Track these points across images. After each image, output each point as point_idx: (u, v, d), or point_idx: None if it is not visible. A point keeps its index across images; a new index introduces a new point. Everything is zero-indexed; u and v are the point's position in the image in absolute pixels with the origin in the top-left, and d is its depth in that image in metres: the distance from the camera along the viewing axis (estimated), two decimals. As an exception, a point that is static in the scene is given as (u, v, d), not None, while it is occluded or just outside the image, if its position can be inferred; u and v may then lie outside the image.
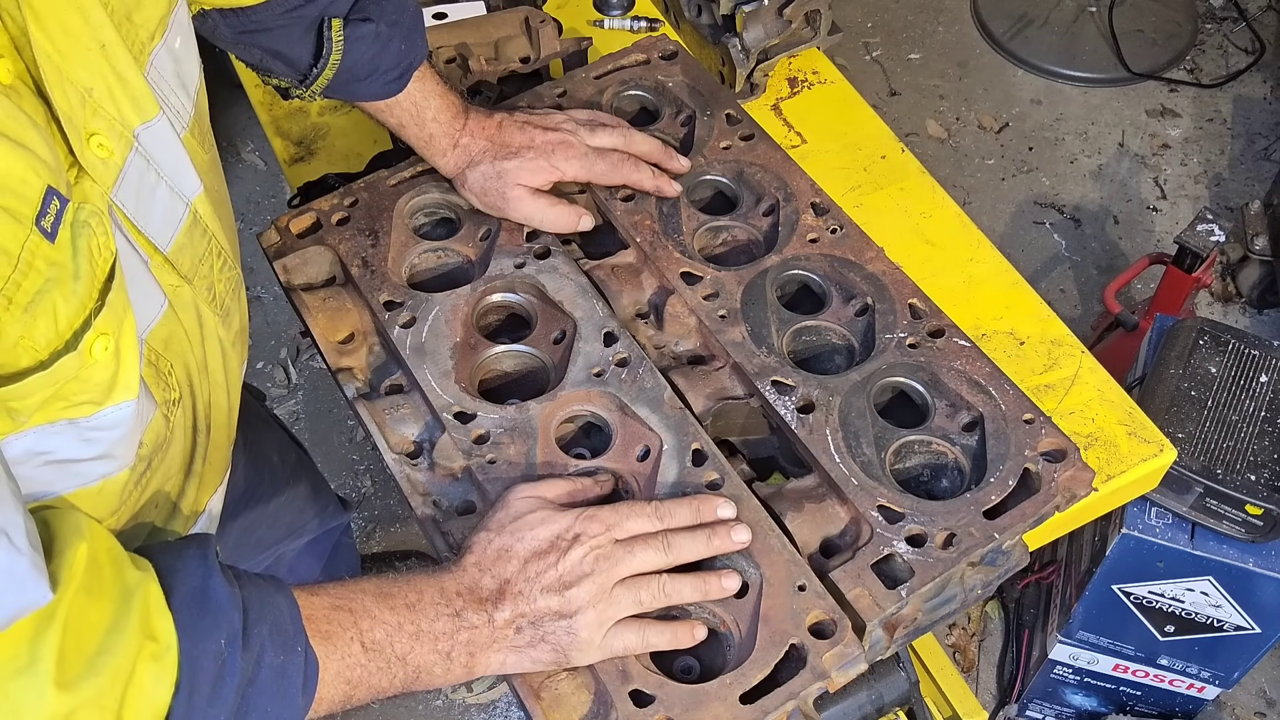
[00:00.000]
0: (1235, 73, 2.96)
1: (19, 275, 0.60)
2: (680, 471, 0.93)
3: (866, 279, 1.06)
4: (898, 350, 1.01)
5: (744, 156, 1.17)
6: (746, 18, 1.34)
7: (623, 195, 1.13)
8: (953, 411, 0.98)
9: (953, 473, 0.96)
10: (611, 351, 1.01)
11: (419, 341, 1.02)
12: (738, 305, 1.04)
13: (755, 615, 0.86)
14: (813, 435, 0.95)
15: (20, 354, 0.62)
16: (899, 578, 0.88)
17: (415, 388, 1.01)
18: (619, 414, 0.98)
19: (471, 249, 1.12)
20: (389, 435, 0.99)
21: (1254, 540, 1.46)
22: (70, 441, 0.69)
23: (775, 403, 0.97)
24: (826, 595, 0.87)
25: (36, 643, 0.60)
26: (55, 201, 0.62)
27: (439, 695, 2.05)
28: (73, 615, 0.62)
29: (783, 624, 0.85)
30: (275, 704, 0.72)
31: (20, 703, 0.60)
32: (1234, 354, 1.53)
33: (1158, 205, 2.71)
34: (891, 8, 3.16)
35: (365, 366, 1.05)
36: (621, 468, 0.95)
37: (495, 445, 0.95)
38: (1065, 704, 1.94)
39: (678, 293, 1.05)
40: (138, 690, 0.64)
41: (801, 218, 1.11)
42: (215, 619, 0.70)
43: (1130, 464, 1.08)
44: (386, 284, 1.06)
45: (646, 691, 0.83)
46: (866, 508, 0.91)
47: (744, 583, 0.87)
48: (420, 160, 1.14)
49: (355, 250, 1.09)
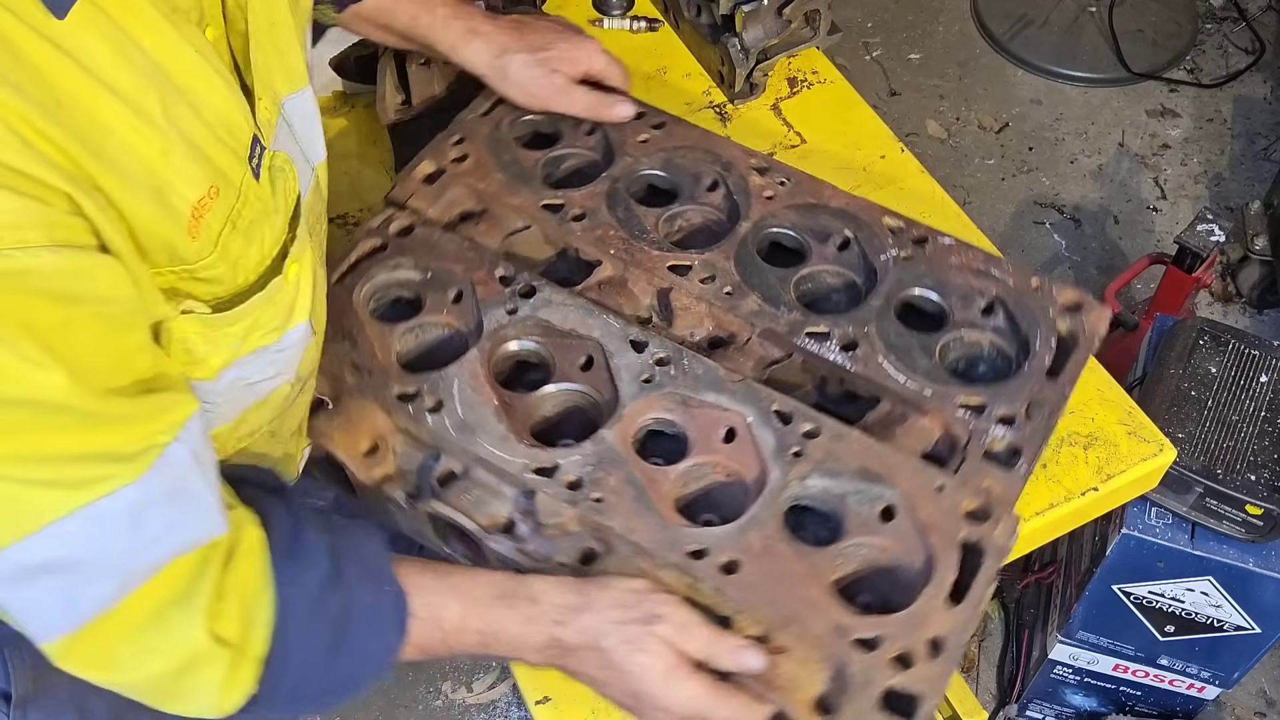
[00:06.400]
0: (1235, 73, 2.96)
1: (240, 204, 0.71)
2: (777, 436, 0.94)
3: (837, 215, 1.10)
4: (898, 267, 1.06)
5: (666, 143, 1.17)
6: (746, 17, 1.33)
7: (573, 216, 1.10)
8: (967, 303, 1.05)
9: (992, 356, 1.04)
10: (647, 355, 0.99)
11: (459, 419, 0.96)
12: (737, 278, 1.05)
13: (917, 531, 0.90)
14: (868, 367, 0.99)
15: (239, 272, 0.72)
16: (1009, 459, 0.95)
17: (475, 464, 0.94)
18: (684, 409, 0.96)
19: (449, 316, 1.04)
20: (479, 519, 0.92)
21: (1254, 540, 1.46)
22: (261, 366, 0.78)
23: (820, 351, 1.00)
24: (965, 482, 0.92)
25: (198, 579, 0.68)
26: (258, 147, 0.73)
27: (439, 695, 2.05)
28: (220, 573, 0.70)
29: (944, 525, 0.90)
30: (368, 638, 0.79)
31: (173, 629, 0.68)
32: (1234, 354, 1.53)
33: (1158, 205, 2.71)
34: (891, 8, 3.16)
35: (398, 470, 0.96)
36: (713, 458, 0.94)
37: (594, 483, 0.91)
38: (1065, 704, 1.94)
39: (676, 287, 1.05)
40: (245, 623, 0.73)
41: (750, 181, 1.12)
42: (304, 563, 0.77)
43: (1130, 464, 1.08)
44: (390, 379, 0.98)
45: (867, 638, 0.85)
46: (951, 411, 0.97)
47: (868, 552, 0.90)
48: (355, 246, 1.07)
49: (338, 359, 1.00)
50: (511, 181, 1.13)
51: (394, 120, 1.31)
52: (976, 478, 0.93)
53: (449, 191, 1.12)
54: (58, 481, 0.58)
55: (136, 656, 0.68)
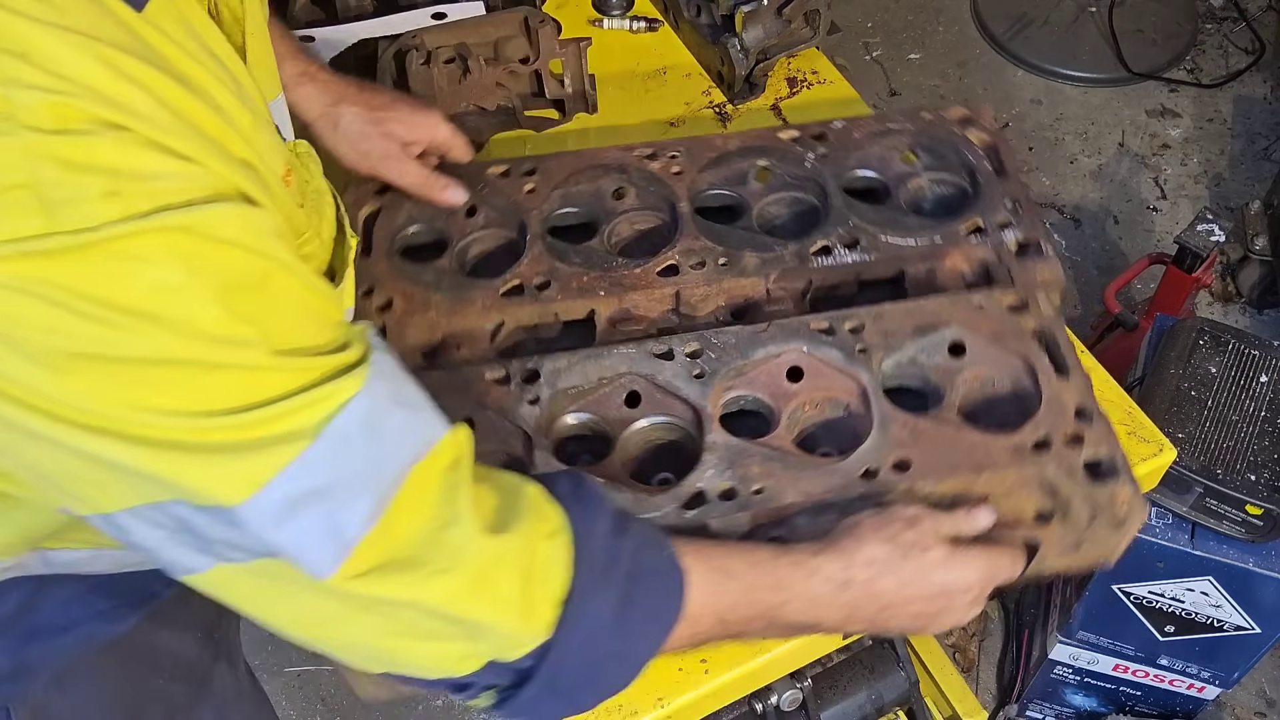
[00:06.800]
0: (1235, 73, 2.96)
1: (302, 181, 0.72)
2: (837, 346, 0.98)
3: (741, 155, 1.16)
4: (824, 165, 1.14)
5: (555, 180, 1.13)
6: (745, 17, 1.34)
7: (537, 285, 1.05)
8: (892, 161, 1.16)
9: (947, 192, 1.16)
10: (680, 356, 0.97)
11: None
12: (720, 249, 1.07)
13: (994, 344, 0.98)
14: (880, 250, 1.07)
15: (324, 247, 0.75)
16: (1032, 251, 1.07)
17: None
18: (743, 378, 0.97)
19: (491, 445, 0.96)
20: None
21: (1254, 540, 1.46)
22: None
23: (834, 262, 1.07)
24: (1005, 287, 1.03)
25: (451, 502, 0.66)
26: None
27: (439, 695, 2.05)
28: (471, 484, 0.68)
29: (1007, 327, 0.99)
30: (654, 598, 0.75)
31: (458, 546, 0.66)
32: (1234, 354, 1.53)
33: (1158, 205, 2.71)
34: (891, 8, 3.17)
35: None
36: (798, 400, 0.96)
37: (743, 481, 0.90)
38: (1065, 704, 1.94)
39: (677, 287, 1.05)
40: (542, 563, 0.70)
41: (651, 169, 1.14)
42: (595, 508, 0.74)
43: (1130, 464, 1.08)
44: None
45: (1039, 441, 0.93)
46: (963, 242, 1.08)
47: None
48: None
49: None
50: (451, 298, 1.05)
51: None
52: (1018, 276, 1.05)
53: (406, 337, 1.04)
54: (298, 409, 0.58)
55: (419, 576, 0.65)
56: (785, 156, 1.15)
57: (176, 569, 0.63)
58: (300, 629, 0.67)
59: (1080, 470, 0.91)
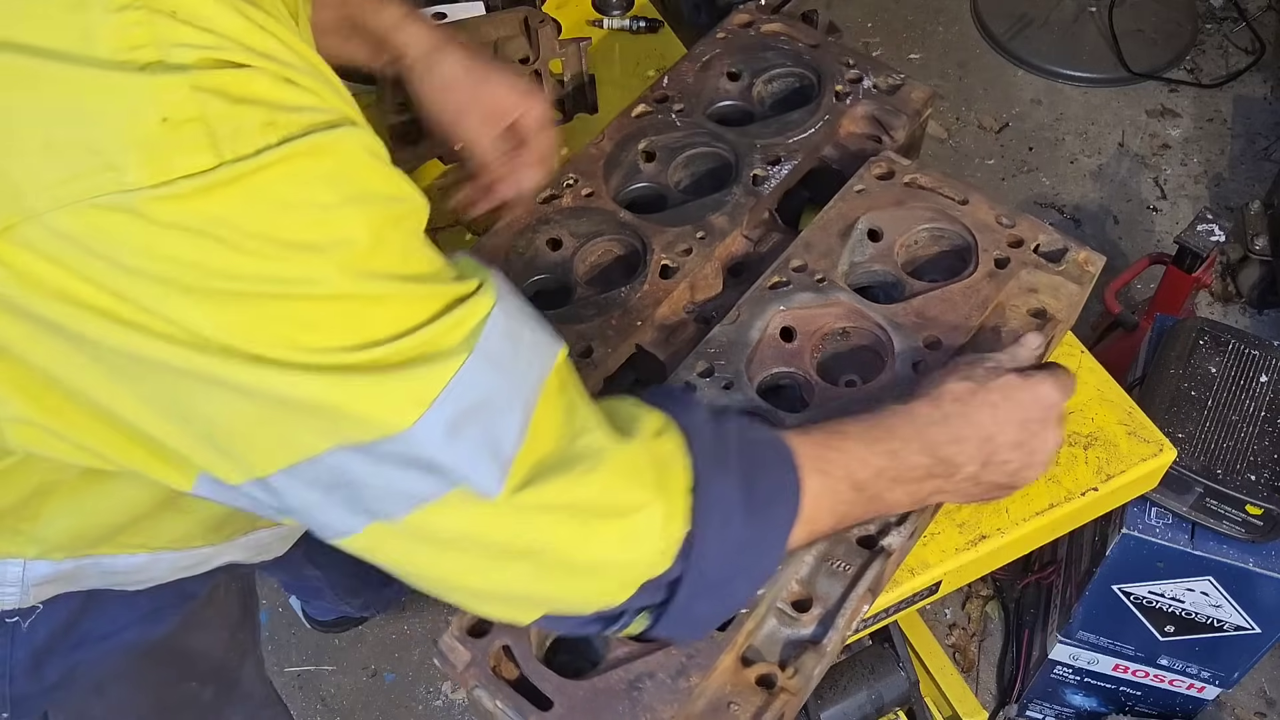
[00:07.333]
0: (1235, 73, 2.96)
1: None
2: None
3: (620, 145, 1.18)
4: (690, 117, 1.20)
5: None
6: (746, 17, 1.33)
7: (580, 351, 1.02)
8: (724, 82, 1.24)
9: (795, 80, 1.26)
10: (702, 388, 0.97)
11: None
12: (687, 225, 1.09)
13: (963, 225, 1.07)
14: (800, 153, 1.15)
15: None
16: (885, 110, 1.19)
17: None
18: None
19: None
20: None
21: (1254, 540, 1.46)
22: None
23: (778, 174, 1.13)
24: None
25: (576, 412, 0.68)
26: None
27: (439, 695, 2.05)
28: (585, 397, 0.70)
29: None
30: (772, 471, 0.76)
31: (597, 450, 0.67)
32: (1234, 354, 1.53)
33: (1158, 205, 2.71)
34: (891, 8, 3.17)
35: None
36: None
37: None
38: (1065, 704, 1.94)
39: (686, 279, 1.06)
40: (666, 456, 0.71)
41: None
42: (690, 403, 0.77)
43: (1130, 464, 1.08)
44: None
45: (1017, 241, 1.05)
46: (836, 99, 1.19)
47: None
48: None
49: None
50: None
51: (395, 121, 1.31)
52: (899, 108, 1.19)
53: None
54: (448, 329, 0.61)
55: (572, 476, 0.66)
56: (661, 130, 1.20)
57: (328, 531, 0.64)
58: (457, 577, 0.67)
59: (1041, 261, 1.04)
